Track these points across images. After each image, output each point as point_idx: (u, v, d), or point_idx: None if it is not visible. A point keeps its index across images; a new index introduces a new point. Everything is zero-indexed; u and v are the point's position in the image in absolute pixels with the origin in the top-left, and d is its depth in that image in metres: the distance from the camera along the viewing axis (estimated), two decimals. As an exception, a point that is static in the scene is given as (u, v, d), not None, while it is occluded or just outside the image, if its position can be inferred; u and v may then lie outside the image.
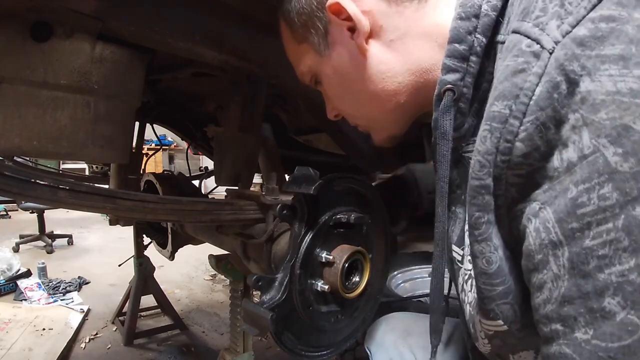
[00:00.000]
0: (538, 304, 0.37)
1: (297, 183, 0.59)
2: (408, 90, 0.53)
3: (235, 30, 0.81)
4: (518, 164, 0.37)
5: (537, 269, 0.37)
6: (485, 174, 0.39)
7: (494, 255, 0.41)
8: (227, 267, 1.15)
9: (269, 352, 1.99)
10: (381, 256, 0.74)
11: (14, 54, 0.63)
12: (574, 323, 0.34)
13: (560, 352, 0.35)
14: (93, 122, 0.73)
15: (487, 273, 0.42)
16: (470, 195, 0.41)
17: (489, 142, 0.38)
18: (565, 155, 0.34)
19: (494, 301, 0.43)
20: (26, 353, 1.88)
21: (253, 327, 0.59)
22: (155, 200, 0.68)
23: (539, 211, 0.36)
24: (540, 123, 0.35)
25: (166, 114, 1.54)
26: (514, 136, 0.36)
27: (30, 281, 2.82)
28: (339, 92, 0.60)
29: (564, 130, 0.34)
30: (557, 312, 0.35)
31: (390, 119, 0.58)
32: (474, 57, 0.45)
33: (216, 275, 3.14)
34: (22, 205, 3.81)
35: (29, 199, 0.59)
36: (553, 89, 0.34)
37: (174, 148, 7.11)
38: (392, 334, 0.83)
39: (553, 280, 0.35)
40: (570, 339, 0.35)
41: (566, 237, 0.34)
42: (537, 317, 0.38)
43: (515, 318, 0.43)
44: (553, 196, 0.35)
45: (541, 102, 0.35)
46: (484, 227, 0.41)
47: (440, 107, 0.47)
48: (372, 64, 0.53)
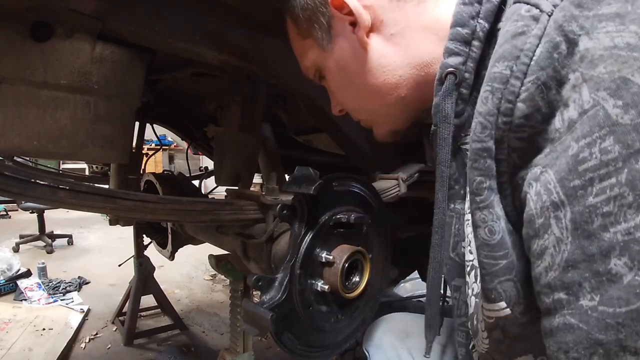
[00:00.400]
0: (539, 273, 0.35)
1: (297, 183, 0.59)
2: (409, 84, 0.54)
3: (235, 30, 0.81)
4: (520, 125, 0.36)
5: (538, 234, 0.35)
6: (487, 135, 0.38)
7: (496, 224, 0.40)
8: (227, 267, 1.15)
9: (269, 352, 1.99)
10: (381, 256, 0.74)
11: (14, 54, 0.63)
12: (579, 289, 0.32)
13: (565, 323, 0.34)
14: (93, 122, 0.73)
15: (489, 244, 0.40)
16: (472, 159, 0.40)
17: (490, 102, 0.38)
18: (566, 115, 0.34)
19: (496, 277, 0.41)
20: (26, 353, 1.88)
21: (253, 327, 0.59)
22: (155, 200, 0.68)
23: (540, 175, 0.35)
24: (541, 83, 0.35)
25: (166, 114, 1.54)
26: (515, 96, 0.36)
27: (30, 281, 2.82)
28: (342, 86, 0.60)
29: (565, 91, 0.34)
30: (560, 279, 0.34)
31: (391, 113, 0.58)
32: (477, 42, 0.45)
33: (216, 275, 3.14)
34: (22, 205, 3.81)
35: (29, 199, 0.59)
36: (553, 48, 0.34)
37: (174, 148, 7.10)
38: (390, 335, 0.82)
39: (555, 245, 0.34)
40: (575, 308, 0.33)
41: (568, 196, 0.33)
42: (538, 289, 0.36)
43: (518, 298, 0.41)
44: (554, 157, 0.34)
45: (542, 62, 0.35)
46: (485, 192, 0.39)
47: (442, 90, 0.46)
48: (373, 58, 0.53)
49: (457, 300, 0.55)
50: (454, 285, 0.55)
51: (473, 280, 0.49)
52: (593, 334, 0.32)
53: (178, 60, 0.98)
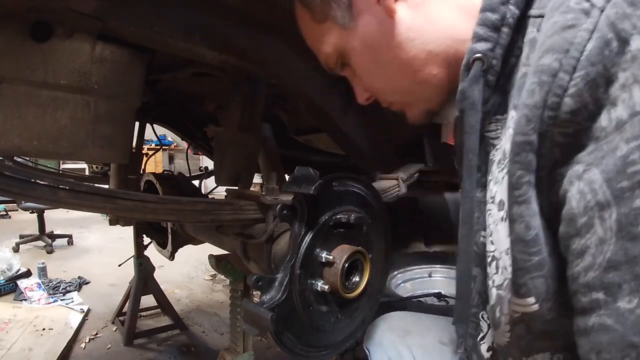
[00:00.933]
0: (577, 272, 0.35)
1: (297, 183, 0.59)
2: (440, 60, 0.52)
3: (235, 30, 0.81)
4: (565, 121, 0.36)
5: (580, 233, 0.35)
6: (531, 129, 0.37)
7: (532, 220, 0.39)
8: (227, 267, 1.15)
9: (269, 352, 1.99)
10: (381, 256, 0.74)
11: (14, 54, 0.63)
12: (618, 291, 0.32)
13: (601, 323, 0.34)
14: (93, 122, 0.73)
15: (524, 240, 0.40)
16: (514, 152, 0.39)
17: (538, 95, 0.37)
18: (614, 115, 0.33)
19: (528, 273, 0.41)
20: (26, 353, 1.88)
21: (253, 327, 0.59)
22: (155, 200, 0.68)
23: (583, 173, 0.35)
24: (590, 79, 0.34)
25: (166, 114, 1.54)
26: (563, 91, 0.35)
27: (30, 281, 2.82)
28: (369, 66, 0.57)
29: (613, 89, 0.34)
30: (599, 279, 0.33)
31: (425, 91, 0.56)
32: (506, 29, 0.44)
33: (216, 275, 3.14)
34: (22, 205, 3.81)
35: (29, 199, 0.59)
36: (605, 45, 0.34)
37: (174, 148, 7.10)
38: (390, 334, 0.83)
39: (597, 245, 0.34)
40: (613, 309, 0.33)
41: (615, 197, 0.32)
42: (574, 288, 0.36)
43: (547, 295, 0.41)
44: (600, 157, 0.34)
45: (592, 58, 0.34)
46: (524, 187, 0.39)
47: (469, 76, 0.46)
48: (402, 30, 0.52)
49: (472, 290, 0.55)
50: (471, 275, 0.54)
51: (494, 271, 0.48)
52: (628, 336, 0.32)
53: (178, 60, 0.98)
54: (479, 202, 0.51)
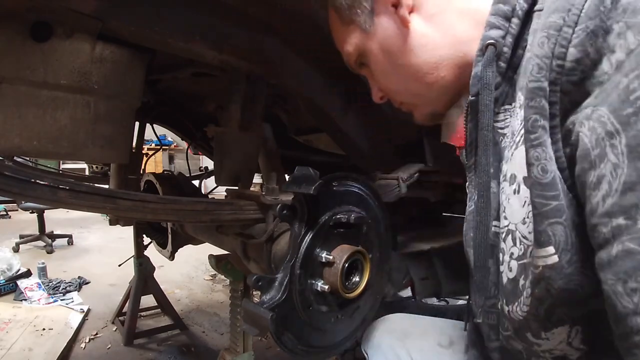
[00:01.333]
0: (596, 202, 0.37)
1: (297, 183, 0.59)
2: (449, 65, 0.57)
3: (235, 30, 0.81)
4: (571, 69, 0.40)
5: (594, 165, 0.37)
6: (542, 76, 0.42)
7: (549, 163, 0.42)
8: (227, 267, 1.15)
9: (269, 352, 1.99)
10: (381, 256, 0.74)
11: (14, 54, 0.63)
12: (637, 212, 0.33)
13: (624, 249, 0.34)
14: (93, 122, 0.73)
15: (541, 183, 0.42)
16: (528, 97, 0.43)
17: (547, 46, 0.42)
18: (613, 59, 0.38)
19: (547, 218, 0.42)
20: (26, 353, 1.88)
21: (253, 327, 0.59)
22: (155, 200, 0.68)
23: (592, 113, 0.38)
24: (590, 31, 0.39)
25: (166, 114, 1.54)
26: (567, 42, 0.40)
27: (30, 281, 2.82)
28: (384, 68, 0.63)
29: (611, 39, 0.38)
30: (618, 204, 0.35)
31: (433, 93, 0.61)
32: (516, 19, 0.50)
33: (216, 275, 3.14)
34: (22, 205, 3.81)
35: (29, 199, 0.60)
36: (599, 2, 0.39)
37: (174, 148, 7.10)
38: (389, 336, 0.82)
39: (612, 171, 0.35)
40: (634, 231, 0.33)
41: (622, 123, 0.35)
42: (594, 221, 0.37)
43: (567, 245, 0.42)
44: (605, 96, 0.37)
45: (590, 13, 0.39)
46: (539, 130, 0.42)
47: (483, 59, 0.50)
48: (415, 37, 0.58)
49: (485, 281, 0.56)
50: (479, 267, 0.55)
51: (511, 244, 0.50)
52: None
53: (178, 60, 0.98)
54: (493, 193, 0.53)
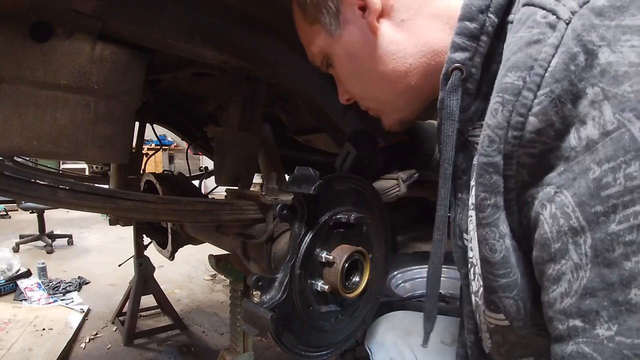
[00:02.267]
0: (554, 298, 0.34)
1: (297, 183, 0.59)
2: (419, 73, 0.53)
3: (235, 30, 0.81)
4: (530, 141, 0.34)
5: (554, 259, 0.34)
6: (494, 150, 0.37)
7: (498, 243, 0.39)
8: (227, 267, 1.15)
9: (269, 352, 1.99)
10: (381, 256, 0.74)
11: (14, 54, 0.63)
12: (596, 318, 0.31)
13: (578, 351, 0.32)
14: (93, 122, 0.73)
15: (489, 261, 0.40)
16: (477, 173, 0.39)
17: (500, 115, 0.36)
18: (583, 133, 0.32)
19: (495, 293, 0.40)
20: (26, 353, 1.88)
21: (253, 327, 0.59)
22: (155, 200, 0.68)
23: (554, 196, 0.33)
24: (555, 96, 0.33)
25: (166, 114, 1.54)
26: (527, 110, 0.34)
27: (30, 281, 2.82)
28: (350, 74, 0.59)
29: (582, 106, 0.32)
30: (576, 307, 0.32)
31: (401, 101, 0.57)
32: (485, 37, 0.43)
33: (216, 275, 3.14)
34: (22, 205, 3.81)
35: (29, 199, 0.59)
36: (570, 60, 0.32)
37: (174, 148, 7.10)
38: (392, 334, 0.83)
39: (573, 271, 0.32)
40: (591, 336, 0.32)
41: (589, 222, 0.31)
42: (550, 314, 0.35)
43: (519, 315, 0.40)
44: (571, 178, 0.33)
45: (557, 74, 0.32)
46: (489, 210, 0.38)
47: (447, 86, 0.45)
48: (383, 44, 0.52)
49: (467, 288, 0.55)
50: (463, 273, 0.55)
51: (472, 277, 0.49)
52: None
53: (178, 60, 0.98)
54: (464, 204, 0.51)
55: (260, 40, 0.85)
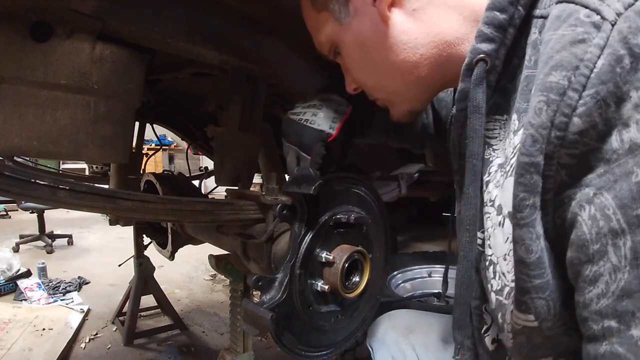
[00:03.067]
0: (590, 299, 0.35)
1: (297, 183, 0.59)
2: (430, 64, 0.52)
3: (235, 30, 0.81)
4: (573, 142, 0.34)
5: (592, 260, 0.34)
6: (537, 150, 0.36)
7: (534, 243, 0.38)
8: (227, 267, 1.15)
9: (269, 352, 1.99)
10: (381, 256, 0.74)
11: (14, 54, 0.63)
12: (631, 319, 0.32)
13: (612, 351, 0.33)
14: (93, 122, 0.73)
15: (525, 262, 0.39)
16: (518, 173, 0.38)
17: (545, 114, 0.35)
18: (626, 136, 0.32)
19: (528, 293, 0.40)
20: (26, 353, 1.88)
21: (253, 327, 0.59)
22: (155, 200, 0.68)
23: (593, 197, 0.34)
24: (600, 98, 0.33)
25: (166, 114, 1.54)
26: (571, 110, 0.34)
27: (30, 281, 2.82)
28: (359, 63, 0.58)
29: (625, 109, 0.32)
30: (613, 307, 0.33)
31: (410, 92, 0.56)
32: (512, 29, 0.43)
33: (216, 275, 3.14)
34: (22, 205, 3.80)
35: (29, 199, 0.59)
36: (616, 62, 0.32)
37: (174, 148, 7.10)
38: (394, 332, 0.83)
39: (611, 273, 0.33)
40: (626, 337, 0.32)
41: (630, 224, 0.32)
42: (585, 315, 0.35)
43: (548, 315, 0.40)
44: (612, 180, 0.33)
45: (603, 76, 0.32)
46: (527, 210, 0.38)
47: (473, 77, 0.44)
48: (394, 34, 0.51)
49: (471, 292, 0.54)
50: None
51: (492, 276, 0.48)
52: None
53: (178, 60, 0.98)
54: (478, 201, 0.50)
55: (260, 40, 0.85)
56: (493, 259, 0.46)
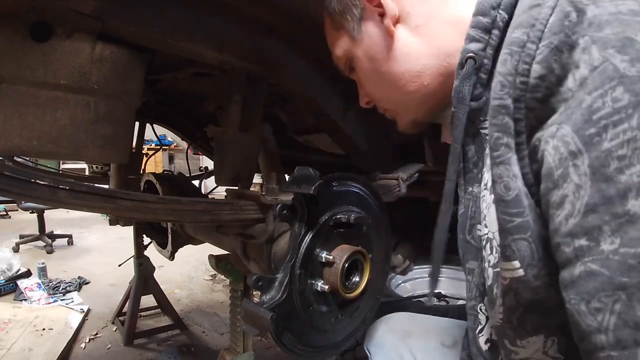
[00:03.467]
0: (559, 222, 0.36)
1: (297, 183, 0.59)
2: (432, 74, 0.58)
3: (235, 30, 0.81)
4: (535, 86, 0.39)
5: (557, 184, 0.37)
6: (505, 94, 0.41)
7: (512, 181, 0.41)
8: (227, 267, 1.15)
9: (269, 352, 1.99)
10: (381, 256, 0.74)
11: (14, 54, 0.63)
12: (599, 234, 0.33)
13: (586, 270, 0.34)
14: (93, 122, 0.73)
15: (504, 200, 0.42)
16: (491, 115, 0.43)
17: (509, 63, 0.41)
18: (577, 75, 0.37)
19: (510, 234, 0.42)
20: (26, 353, 1.88)
21: (253, 327, 0.59)
22: (155, 200, 0.68)
23: (556, 131, 0.37)
24: (554, 46, 0.38)
25: (166, 114, 1.54)
26: (531, 58, 0.39)
27: (30, 281, 2.82)
28: (369, 75, 0.64)
29: (576, 54, 0.37)
30: (580, 225, 0.34)
31: (414, 101, 0.62)
32: (496, 31, 0.49)
33: (216, 275, 3.14)
34: (22, 205, 3.81)
35: (29, 199, 0.59)
36: (564, 17, 0.38)
37: (174, 148, 7.10)
38: (391, 335, 0.83)
39: (575, 192, 0.35)
40: (597, 253, 0.33)
41: (585, 143, 0.35)
42: (558, 240, 0.37)
43: (532, 260, 0.41)
44: (569, 114, 0.36)
45: (554, 28, 0.38)
46: (502, 148, 0.42)
47: (462, 73, 0.50)
48: (399, 46, 0.58)
49: (470, 283, 0.57)
50: (468, 268, 0.57)
51: (489, 252, 0.50)
52: (615, 277, 0.32)
53: (178, 60, 0.98)
54: (476, 197, 0.54)
55: (260, 40, 0.85)
56: (489, 236, 0.49)
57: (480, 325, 0.57)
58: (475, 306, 0.57)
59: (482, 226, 0.52)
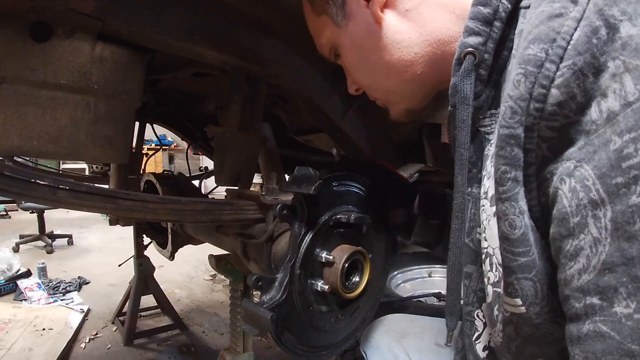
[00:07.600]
0: (571, 275, 0.33)
1: (297, 183, 0.59)
2: (425, 62, 0.53)
3: (235, 30, 0.81)
4: (552, 113, 0.34)
5: (573, 233, 0.33)
6: (516, 122, 0.36)
7: (518, 219, 0.37)
8: (227, 267, 1.15)
9: (269, 352, 1.99)
10: (381, 256, 0.74)
11: (14, 54, 0.63)
12: (614, 295, 0.30)
13: (596, 330, 0.31)
14: (93, 122, 0.73)
15: (509, 238, 0.38)
16: (498, 146, 0.37)
17: (523, 86, 0.35)
18: (604, 106, 0.31)
19: (514, 273, 0.39)
20: (26, 353, 1.88)
21: (253, 327, 0.59)
22: (155, 200, 0.68)
23: (574, 170, 0.32)
24: (578, 69, 0.32)
25: (166, 114, 1.54)
26: (549, 81, 0.33)
27: (30, 281, 2.82)
28: (357, 64, 0.60)
29: (603, 79, 0.32)
30: (594, 283, 0.31)
31: (407, 90, 0.58)
32: (498, 23, 0.44)
33: (216, 275, 3.14)
34: (22, 205, 3.80)
35: (29, 199, 0.59)
36: (592, 33, 0.32)
37: (174, 148, 7.10)
38: (387, 337, 0.82)
39: (592, 246, 0.31)
40: (609, 314, 0.31)
41: (609, 194, 0.30)
42: (567, 292, 0.34)
43: (536, 299, 0.39)
44: (591, 151, 0.32)
45: (579, 47, 0.32)
46: (509, 184, 0.37)
47: (461, 70, 0.45)
48: (388, 34, 0.53)
49: (467, 287, 0.54)
50: (466, 272, 0.53)
51: (488, 268, 0.47)
52: (625, 344, 0.30)
53: (178, 60, 0.98)
54: (475, 197, 0.50)
55: (260, 40, 0.85)
56: (489, 251, 0.46)
57: (477, 332, 0.55)
58: (471, 312, 0.54)
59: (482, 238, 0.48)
